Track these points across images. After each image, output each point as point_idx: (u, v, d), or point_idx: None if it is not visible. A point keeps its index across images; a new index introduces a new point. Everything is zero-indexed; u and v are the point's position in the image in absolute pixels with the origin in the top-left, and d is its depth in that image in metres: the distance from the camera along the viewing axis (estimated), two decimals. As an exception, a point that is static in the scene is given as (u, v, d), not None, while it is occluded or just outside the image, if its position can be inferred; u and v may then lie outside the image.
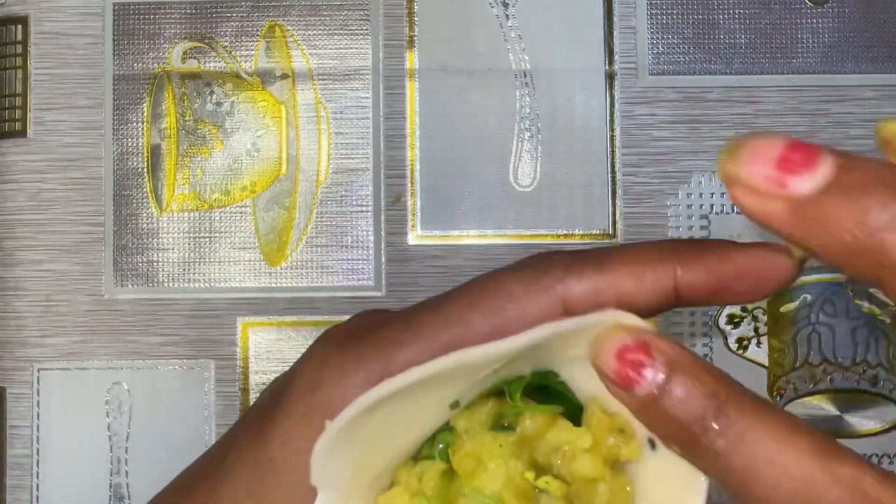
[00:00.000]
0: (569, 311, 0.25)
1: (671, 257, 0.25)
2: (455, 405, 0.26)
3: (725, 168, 0.20)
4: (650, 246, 0.25)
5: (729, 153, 0.20)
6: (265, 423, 0.27)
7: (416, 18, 0.47)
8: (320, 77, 0.47)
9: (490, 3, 0.47)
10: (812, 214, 0.20)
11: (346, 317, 0.30)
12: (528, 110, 0.46)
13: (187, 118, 0.47)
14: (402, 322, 0.26)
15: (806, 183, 0.19)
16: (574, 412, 0.26)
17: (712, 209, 0.46)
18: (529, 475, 0.25)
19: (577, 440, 0.25)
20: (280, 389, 0.27)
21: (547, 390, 0.26)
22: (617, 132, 0.46)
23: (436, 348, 0.25)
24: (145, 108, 0.47)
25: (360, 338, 0.26)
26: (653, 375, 0.22)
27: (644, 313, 0.25)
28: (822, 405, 0.45)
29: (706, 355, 0.46)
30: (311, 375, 0.26)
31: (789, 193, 0.20)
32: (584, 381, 0.26)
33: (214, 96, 0.47)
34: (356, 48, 0.47)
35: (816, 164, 0.19)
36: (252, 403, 0.29)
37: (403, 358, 0.25)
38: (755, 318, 0.46)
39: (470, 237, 0.46)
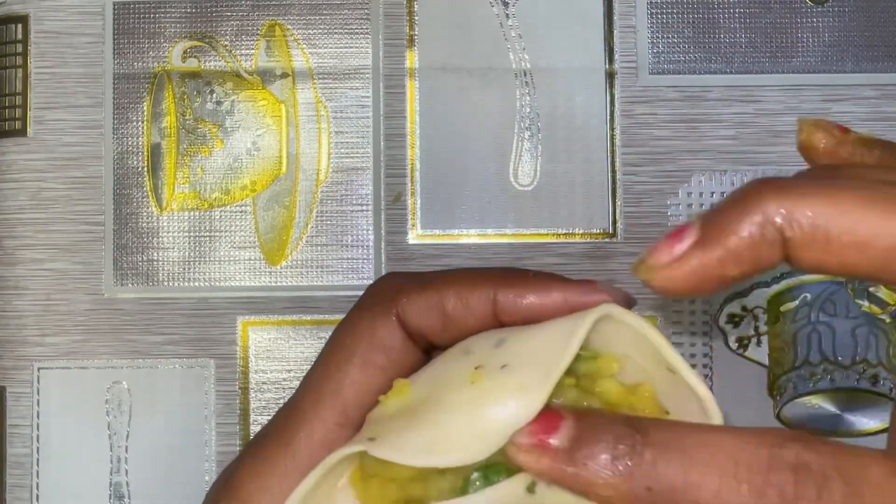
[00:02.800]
0: (404, 325, 0.27)
1: (494, 283, 0.27)
2: None
3: (510, 452, 0.24)
4: (479, 271, 0.28)
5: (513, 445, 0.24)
6: None
7: (416, 18, 0.47)
8: (320, 76, 0.47)
9: (490, 3, 0.47)
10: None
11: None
12: (528, 109, 0.46)
13: (187, 117, 0.47)
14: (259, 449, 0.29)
15: (557, 440, 0.23)
16: None
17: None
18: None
19: (604, 366, 0.26)
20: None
21: None
22: (617, 131, 0.46)
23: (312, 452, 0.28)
24: (145, 107, 0.47)
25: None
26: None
27: (469, 332, 0.27)
28: (821, 404, 0.45)
29: (706, 354, 0.46)
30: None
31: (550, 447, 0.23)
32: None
33: (214, 95, 0.47)
34: (356, 47, 0.47)
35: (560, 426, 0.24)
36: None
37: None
38: (755, 318, 0.46)
39: (470, 236, 0.46)
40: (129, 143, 0.47)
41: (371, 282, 0.46)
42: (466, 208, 0.46)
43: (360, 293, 0.45)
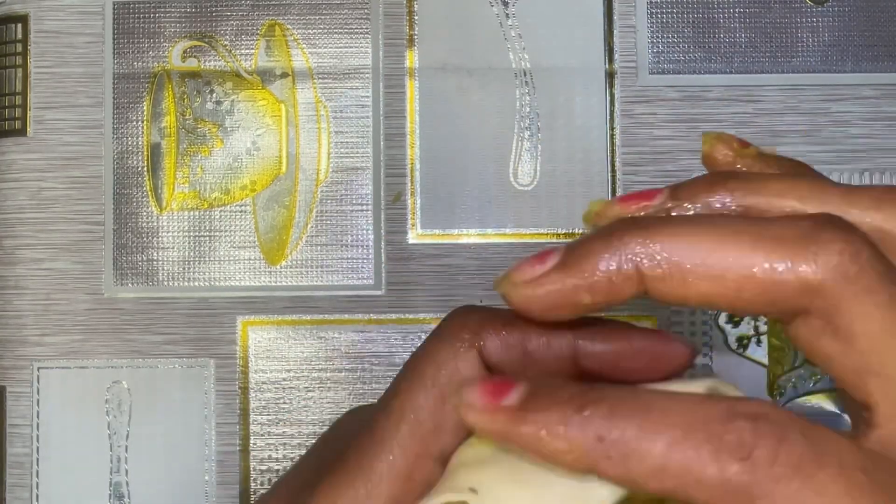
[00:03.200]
0: (484, 360, 0.27)
1: (575, 327, 0.26)
2: None
3: (463, 412, 0.24)
4: None
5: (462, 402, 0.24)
6: None
7: (416, 17, 0.47)
8: (320, 76, 0.47)
9: (490, 2, 0.47)
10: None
11: (346, 315, 0.30)
12: (527, 109, 0.46)
13: (187, 117, 0.47)
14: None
15: (509, 400, 0.23)
16: None
17: (712, 208, 0.46)
18: None
19: None
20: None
21: None
22: (617, 131, 0.46)
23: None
24: (145, 107, 0.47)
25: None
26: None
27: (547, 372, 0.27)
28: (821, 404, 0.45)
29: (706, 354, 0.46)
30: None
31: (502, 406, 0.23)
32: None
33: (214, 95, 0.47)
34: (356, 47, 0.47)
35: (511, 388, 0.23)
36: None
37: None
38: (755, 317, 0.46)
39: (470, 236, 0.46)
40: (129, 142, 0.47)
41: (371, 282, 0.46)
42: (466, 208, 0.46)
43: (360, 292, 0.45)
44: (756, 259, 0.22)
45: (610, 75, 0.47)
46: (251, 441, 0.46)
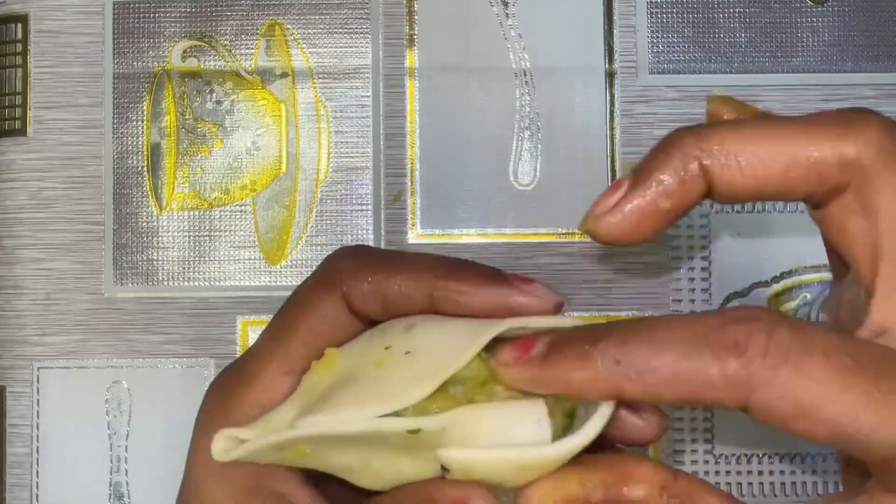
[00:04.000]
0: (349, 304, 0.30)
1: (433, 276, 0.29)
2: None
3: (499, 371, 0.27)
4: (424, 261, 0.30)
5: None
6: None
7: (416, 17, 0.47)
8: (320, 76, 0.47)
9: (490, 2, 0.47)
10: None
11: None
12: (527, 109, 0.46)
13: (187, 117, 0.47)
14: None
15: (535, 351, 0.26)
16: None
17: (713, 207, 0.46)
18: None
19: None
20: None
21: None
22: (617, 131, 0.46)
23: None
24: (145, 107, 0.47)
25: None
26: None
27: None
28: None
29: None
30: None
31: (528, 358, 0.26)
32: None
33: (214, 95, 0.47)
34: (356, 47, 0.47)
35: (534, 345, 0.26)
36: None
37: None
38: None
39: (470, 236, 0.46)
40: (129, 142, 0.47)
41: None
42: (466, 208, 0.46)
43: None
44: (801, 142, 0.25)
45: (610, 75, 0.47)
46: (251, 441, 0.46)
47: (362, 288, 0.30)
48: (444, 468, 0.28)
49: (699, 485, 0.25)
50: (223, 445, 0.30)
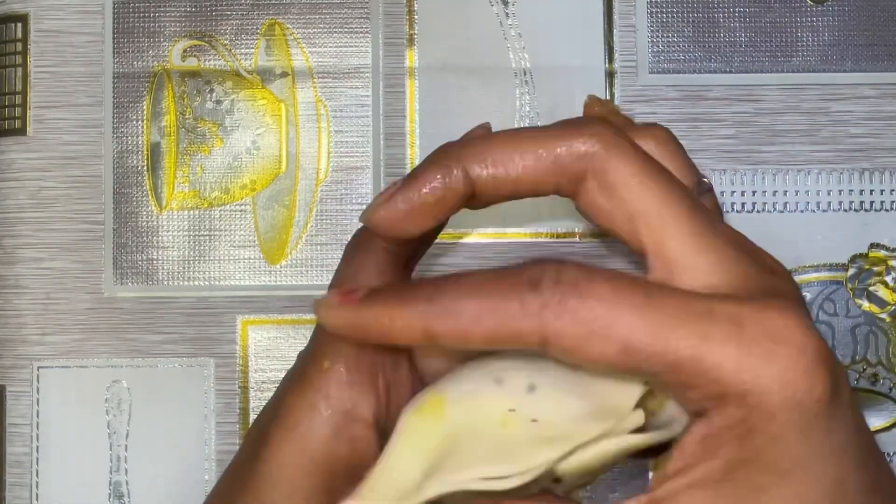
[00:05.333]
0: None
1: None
2: None
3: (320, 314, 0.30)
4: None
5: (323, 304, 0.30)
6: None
7: (416, 17, 0.47)
8: (320, 75, 0.47)
9: (490, 2, 0.47)
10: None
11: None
12: (527, 108, 0.46)
13: (187, 116, 0.47)
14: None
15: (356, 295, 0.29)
16: None
17: (712, 207, 0.46)
18: None
19: None
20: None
21: None
22: (617, 130, 0.46)
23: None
24: (145, 106, 0.47)
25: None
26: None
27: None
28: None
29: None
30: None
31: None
32: None
33: (214, 94, 0.47)
34: (356, 46, 0.47)
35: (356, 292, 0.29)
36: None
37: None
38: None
39: (470, 236, 0.46)
40: (129, 142, 0.47)
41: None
42: (465, 209, 0.46)
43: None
44: (543, 143, 0.29)
45: (610, 75, 0.47)
46: (251, 440, 0.46)
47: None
48: (555, 480, 0.28)
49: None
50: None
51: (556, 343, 0.26)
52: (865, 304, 0.45)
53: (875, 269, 0.46)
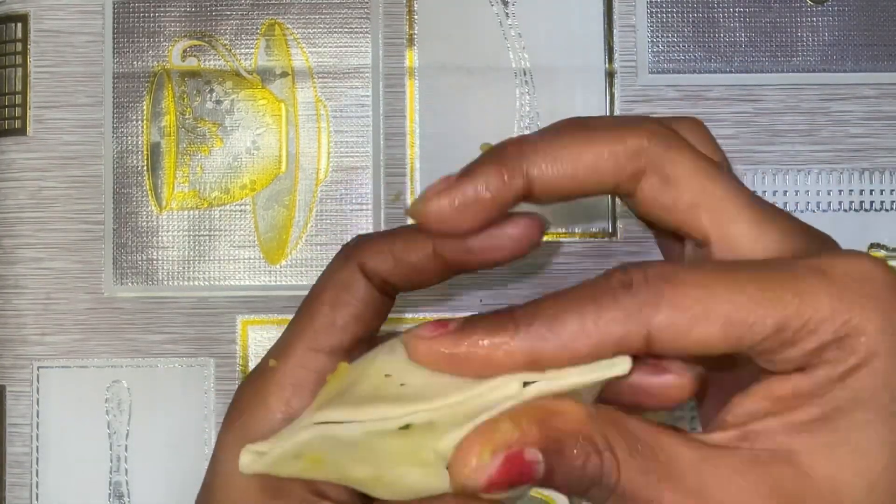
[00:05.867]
0: (364, 270, 0.33)
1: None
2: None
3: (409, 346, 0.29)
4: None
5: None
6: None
7: (415, 17, 0.47)
8: (320, 75, 0.47)
9: (490, 2, 0.47)
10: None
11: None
12: (527, 108, 0.46)
13: (187, 116, 0.47)
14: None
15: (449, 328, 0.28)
16: None
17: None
18: None
19: None
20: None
21: None
22: (617, 130, 0.46)
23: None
24: (145, 106, 0.47)
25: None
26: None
27: (417, 272, 0.33)
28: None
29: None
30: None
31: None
32: None
33: (214, 94, 0.47)
34: (356, 46, 0.47)
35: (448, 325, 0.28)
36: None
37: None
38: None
39: (470, 235, 0.46)
40: (129, 142, 0.47)
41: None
42: (466, 207, 0.46)
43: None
44: (601, 144, 0.29)
45: (610, 75, 0.47)
46: (251, 440, 0.46)
47: (372, 248, 0.33)
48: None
49: (616, 412, 0.28)
50: (248, 458, 0.30)
51: (661, 337, 0.26)
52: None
53: (875, 269, 0.46)
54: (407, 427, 0.27)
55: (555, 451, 0.26)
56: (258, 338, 0.46)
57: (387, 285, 0.33)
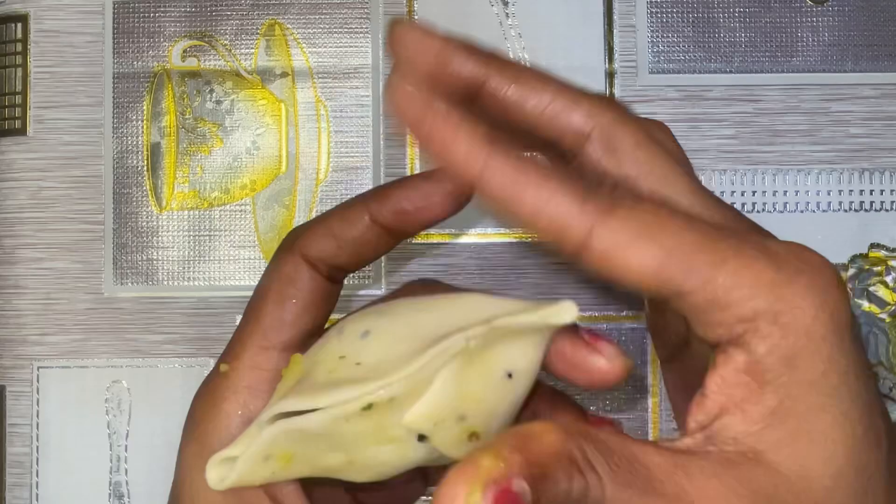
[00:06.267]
0: (307, 259, 0.33)
1: (367, 197, 0.33)
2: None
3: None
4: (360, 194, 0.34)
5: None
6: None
7: (415, 17, 0.47)
8: (320, 75, 0.47)
9: (490, 2, 0.47)
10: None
11: (344, 315, 0.31)
12: (527, 109, 0.46)
13: (187, 116, 0.47)
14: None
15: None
16: None
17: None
18: None
19: None
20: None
21: None
22: (617, 130, 0.46)
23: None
24: (145, 106, 0.47)
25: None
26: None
27: (361, 247, 0.33)
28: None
29: (706, 354, 0.46)
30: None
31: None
32: None
33: (214, 94, 0.47)
34: (356, 46, 0.47)
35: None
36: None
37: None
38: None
39: (470, 236, 0.46)
40: (129, 142, 0.47)
41: (371, 281, 0.46)
42: (466, 208, 0.46)
43: (360, 291, 0.45)
44: (560, 94, 0.30)
45: (610, 75, 0.47)
46: (251, 440, 0.46)
47: (311, 235, 0.33)
48: (420, 437, 0.28)
49: (585, 425, 0.27)
50: (216, 473, 0.30)
51: (598, 244, 0.26)
52: (865, 305, 0.45)
53: (875, 269, 0.46)
54: (370, 407, 0.27)
55: (540, 476, 0.24)
56: (258, 338, 0.46)
57: (333, 269, 0.33)
